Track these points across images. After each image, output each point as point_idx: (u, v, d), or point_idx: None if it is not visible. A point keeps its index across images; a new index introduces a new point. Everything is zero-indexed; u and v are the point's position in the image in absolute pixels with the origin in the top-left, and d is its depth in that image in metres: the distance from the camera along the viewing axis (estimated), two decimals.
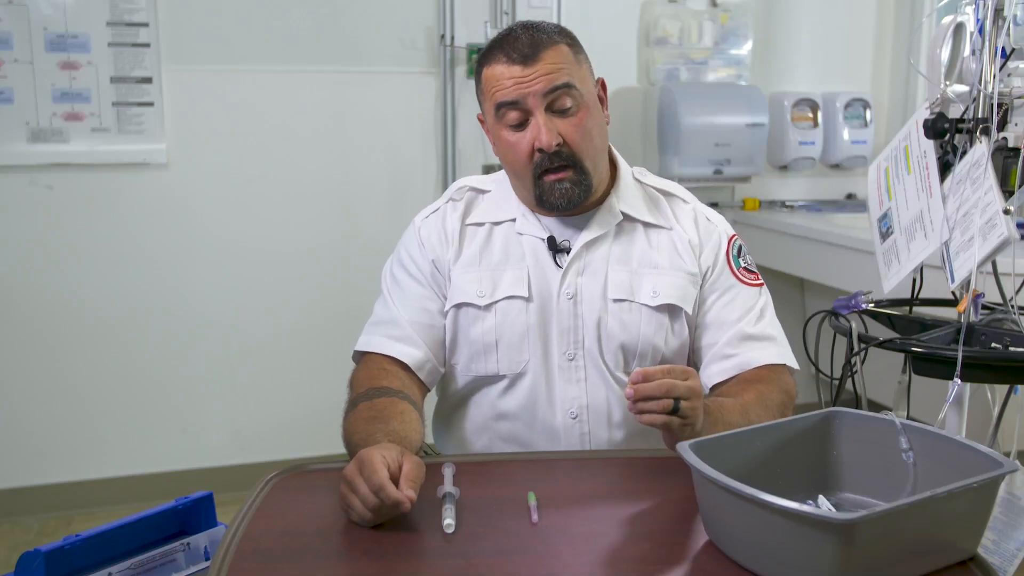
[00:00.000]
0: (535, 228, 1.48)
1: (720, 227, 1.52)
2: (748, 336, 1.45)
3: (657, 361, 1.46)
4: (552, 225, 1.48)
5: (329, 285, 3.07)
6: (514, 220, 1.49)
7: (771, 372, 1.43)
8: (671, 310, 1.46)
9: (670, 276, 1.46)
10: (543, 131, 1.37)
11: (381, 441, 1.20)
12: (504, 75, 1.37)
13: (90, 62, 2.75)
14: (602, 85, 1.48)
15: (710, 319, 1.48)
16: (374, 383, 1.39)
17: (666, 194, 1.53)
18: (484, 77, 1.41)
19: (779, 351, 1.46)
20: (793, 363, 1.48)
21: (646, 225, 1.49)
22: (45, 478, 2.90)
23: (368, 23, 2.99)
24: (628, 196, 1.50)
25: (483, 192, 1.53)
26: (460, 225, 1.50)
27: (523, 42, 1.38)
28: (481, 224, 1.50)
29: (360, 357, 1.49)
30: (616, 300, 1.45)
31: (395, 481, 1.10)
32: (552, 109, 1.38)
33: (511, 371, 1.46)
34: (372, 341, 1.47)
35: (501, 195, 1.52)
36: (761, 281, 1.51)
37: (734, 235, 1.53)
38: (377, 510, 1.08)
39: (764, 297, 1.50)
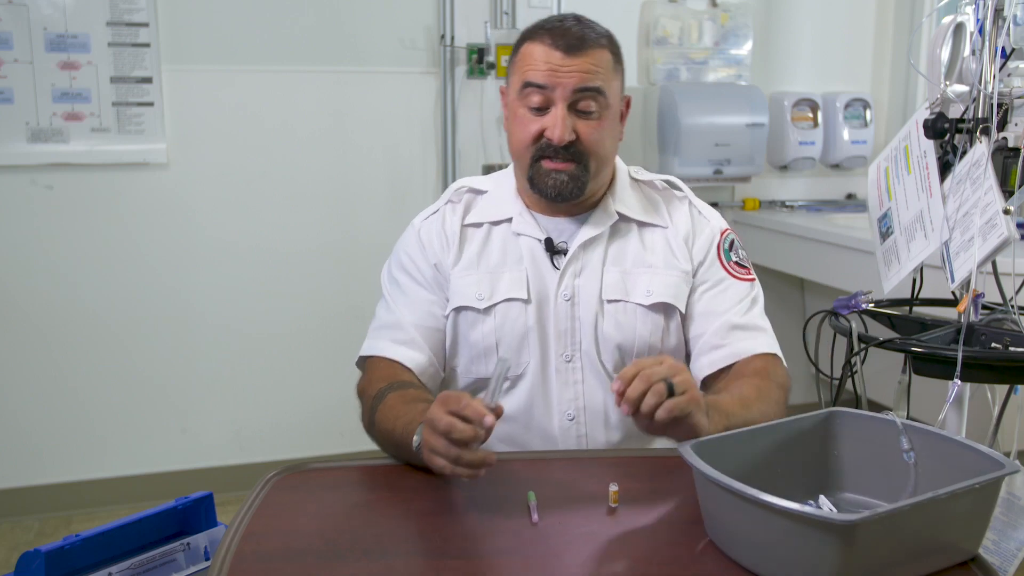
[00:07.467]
0: (532, 228, 1.48)
1: (713, 222, 1.52)
2: (737, 326, 1.44)
3: None
4: (549, 225, 1.48)
5: (329, 285, 3.06)
6: (511, 220, 1.49)
7: (765, 364, 1.41)
8: (666, 309, 1.45)
9: (664, 275, 1.46)
10: (559, 125, 1.37)
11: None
12: (542, 57, 1.38)
13: (90, 62, 2.75)
14: (627, 103, 1.49)
15: (699, 310, 1.47)
16: (395, 379, 1.40)
17: (662, 189, 1.53)
18: (521, 52, 1.42)
19: (769, 341, 1.45)
20: (780, 356, 1.45)
21: (641, 224, 1.49)
22: (45, 478, 2.90)
23: (368, 23, 2.99)
24: (624, 196, 1.50)
25: (481, 192, 1.53)
26: (460, 227, 1.50)
27: (573, 33, 1.38)
28: (479, 225, 1.50)
29: (364, 362, 1.49)
30: (611, 301, 1.44)
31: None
32: (575, 108, 1.39)
33: (512, 373, 1.45)
34: (377, 345, 1.47)
35: (499, 195, 1.52)
36: (753, 277, 1.50)
37: (727, 230, 1.52)
38: (457, 427, 1.10)
39: (755, 291, 1.49)
